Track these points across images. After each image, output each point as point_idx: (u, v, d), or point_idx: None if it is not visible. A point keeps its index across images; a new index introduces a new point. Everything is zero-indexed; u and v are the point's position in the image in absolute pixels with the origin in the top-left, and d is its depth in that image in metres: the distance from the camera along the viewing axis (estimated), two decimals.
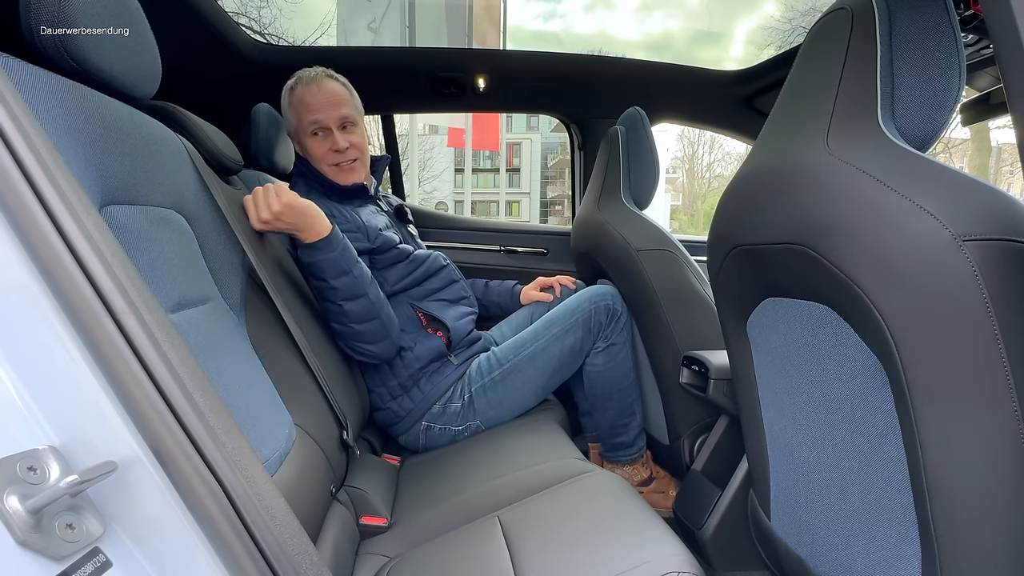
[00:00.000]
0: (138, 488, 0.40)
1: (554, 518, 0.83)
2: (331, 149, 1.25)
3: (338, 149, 1.25)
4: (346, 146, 1.25)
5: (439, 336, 1.29)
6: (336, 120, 1.25)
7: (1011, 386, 0.48)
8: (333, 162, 1.26)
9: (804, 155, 0.64)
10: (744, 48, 21.93)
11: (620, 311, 1.32)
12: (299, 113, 1.25)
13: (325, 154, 1.25)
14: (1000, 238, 0.47)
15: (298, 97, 1.25)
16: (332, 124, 1.25)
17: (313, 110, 1.23)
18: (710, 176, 19.33)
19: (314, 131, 1.25)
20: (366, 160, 1.33)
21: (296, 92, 1.25)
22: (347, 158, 1.27)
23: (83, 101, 0.61)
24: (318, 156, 1.26)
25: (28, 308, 0.39)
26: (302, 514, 0.75)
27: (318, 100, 1.23)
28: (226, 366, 0.72)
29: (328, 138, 1.25)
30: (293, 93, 1.26)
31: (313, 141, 1.25)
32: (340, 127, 1.26)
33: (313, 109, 1.23)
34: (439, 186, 17.29)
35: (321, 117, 1.24)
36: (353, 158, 1.28)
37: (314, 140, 1.25)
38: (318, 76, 1.25)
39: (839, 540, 0.69)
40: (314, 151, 1.26)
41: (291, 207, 1.01)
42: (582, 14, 35.79)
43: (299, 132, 1.27)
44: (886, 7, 0.59)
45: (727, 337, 0.87)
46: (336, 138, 1.25)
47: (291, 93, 1.26)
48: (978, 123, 1.01)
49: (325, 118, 1.24)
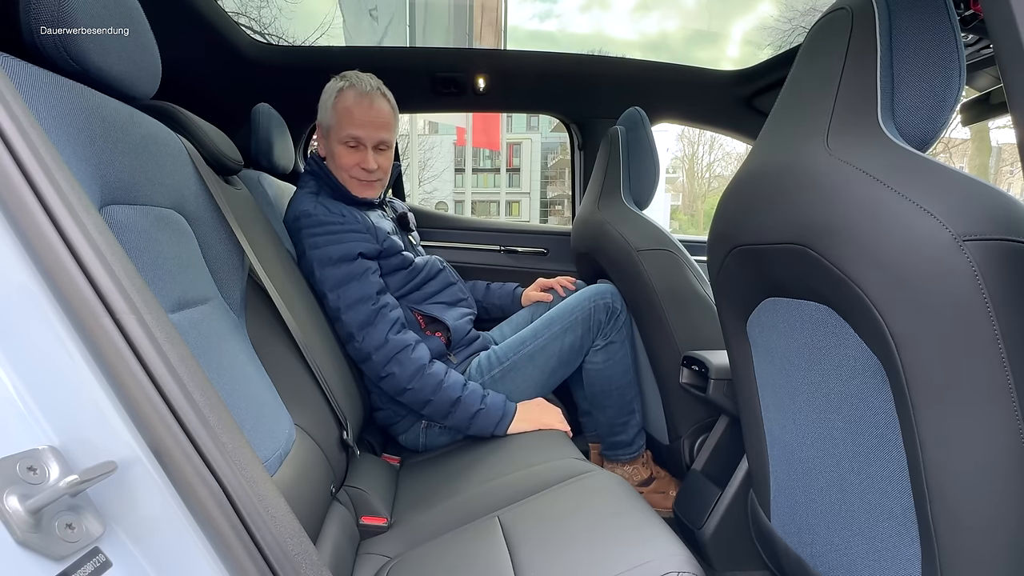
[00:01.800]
0: (138, 488, 0.40)
1: (554, 518, 0.83)
2: (359, 165, 1.26)
3: (367, 168, 1.26)
4: (375, 167, 1.26)
5: (438, 336, 1.29)
6: (375, 141, 1.25)
7: (1011, 386, 0.48)
8: (357, 176, 1.27)
9: (804, 155, 0.64)
10: (742, 48, 21.91)
11: (619, 310, 1.32)
12: (342, 118, 1.23)
13: (352, 166, 1.26)
14: (1000, 238, 0.47)
15: (347, 103, 1.23)
16: (369, 144, 1.25)
17: (358, 124, 1.23)
18: (710, 176, 19.34)
19: (350, 144, 1.25)
20: (386, 181, 1.35)
21: (346, 97, 1.23)
22: (372, 178, 1.28)
23: (83, 101, 0.61)
24: (344, 165, 1.26)
25: (28, 308, 0.39)
26: (302, 514, 0.75)
27: (367, 117, 1.23)
28: (226, 366, 0.72)
29: (360, 153, 1.25)
30: (343, 96, 1.23)
31: (344, 149, 1.25)
32: (376, 148, 1.26)
33: (358, 123, 1.23)
34: (439, 186, 17.29)
35: (363, 135, 1.24)
36: (377, 179, 1.29)
37: (345, 149, 1.25)
38: (371, 91, 1.24)
39: (839, 540, 0.69)
40: (342, 159, 1.25)
41: None
42: (578, 14, 35.76)
43: (332, 135, 1.26)
44: (886, 7, 0.59)
45: (727, 337, 0.87)
46: (368, 157, 1.25)
47: (340, 95, 1.23)
48: (978, 123, 1.01)
49: (366, 136, 1.24)
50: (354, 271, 1.17)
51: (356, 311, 1.15)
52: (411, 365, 1.15)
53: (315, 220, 1.19)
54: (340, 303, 1.16)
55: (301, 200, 1.24)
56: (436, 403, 1.15)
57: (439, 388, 1.15)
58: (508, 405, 1.19)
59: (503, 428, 1.17)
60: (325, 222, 1.19)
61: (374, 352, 1.15)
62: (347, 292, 1.16)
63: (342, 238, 1.19)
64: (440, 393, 1.15)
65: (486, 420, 1.16)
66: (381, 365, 1.15)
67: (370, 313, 1.16)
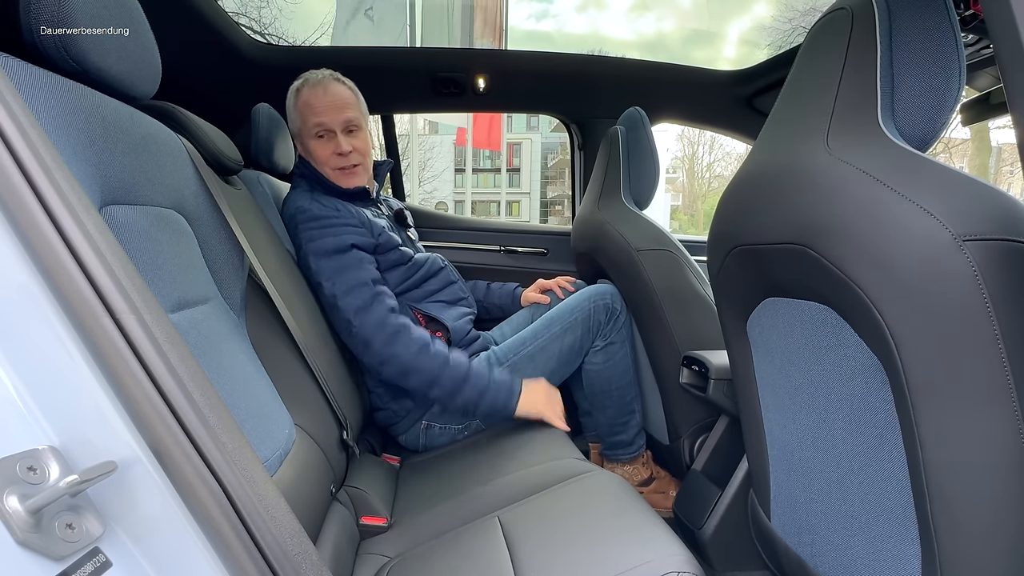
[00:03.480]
0: (138, 488, 0.40)
1: (554, 518, 0.83)
2: (334, 152, 1.25)
3: (341, 152, 1.25)
4: (349, 150, 1.25)
5: (438, 336, 1.29)
6: (340, 123, 1.25)
7: (1011, 386, 0.48)
8: (336, 165, 1.26)
9: (804, 155, 0.64)
10: (740, 48, 21.87)
11: (619, 310, 1.32)
12: (304, 115, 1.25)
13: (328, 157, 1.25)
14: (1000, 238, 0.47)
15: (304, 99, 1.24)
16: (336, 127, 1.24)
17: (318, 112, 1.23)
18: (710, 176, 19.34)
19: (318, 133, 1.25)
20: (369, 164, 1.33)
21: (302, 94, 1.25)
22: (350, 162, 1.27)
23: (83, 101, 0.61)
24: (321, 159, 1.26)
25: (28, 308, 0.39)
26: (302, 514, 0.75)
27: (323, 102, 1.23)
28: (226, 366, 0.72)
29: (332, 141, 1.25)
30: (299, 94, 1.25)
31: (317, 143, 1.25)
32: (345, 131, 1.26)
33: (318, 111, 1.23)
34: (439, 186, 17.29)
35: (325, 120, 1.23)
36: (355, 163, 1.27)
37: (318, 142, 1.25)
38: (324, 78, 1.25)
39: (839, 540, 0.69)
40: (317, 153, 1.26)
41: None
42: (575, 14, 35.71)
43: (303, 134, 1.27)
44: (886, 7, 0.59)
45: (727, 337, 0.87)
46: (340, 141, 1.24)
47: (297, 94, 1.26)
48: (978, 123, 1.01)
49: (329, 121, 1.24)
50: (350, 260, 1.17)
51: (352, 296, 1.14)
52: (414, 344, 1.12)
53: (310, 215, 1.20)
54: (336, 290, 1.15)
55: (295, 198, 1.24)
56: (444, 380, 1.11)
57: (446, 364, 1.12)
58: (515, 380, 1.17)
59: (513, 405, 1.15)
60: (320, 216, 1.19)
61: (373, 335, 1.12)
62: (343, 279, 1.15)
63: (337, 231, 1.19)
64: (447, 369, 1.12)
65: (496, 395, 1.14)
66: (382, 347, 1.12)
67: (367, 297, 1.14)
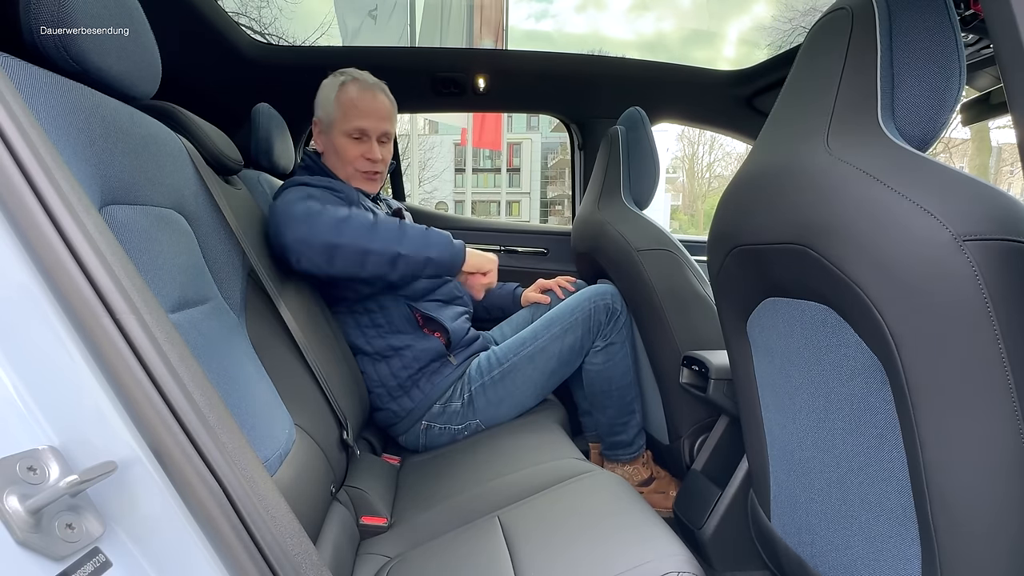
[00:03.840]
0: (138, 488, 0.40)
1: (554, 518, 0.83)
2: (363, 155, 1.28)
3: (372, 158, 1.28)
4: (380, 157, 1.29)
5: (437, 337, 1.29)
6: (379, 133, 1.29)
7: (1011, 386, 0.48)
8: (362, 168, 1.29)
9: (804, 155, 0.64)
10: (739, 48, 21.86)
11: (619, 310, 1.32)
12: (347, 112, 1.25)
13: (356, 158, 1.28)
14: (1000, 238, 0.47)
15: (350, 96, 1.25)
16: (374, 135, 1.28)
17: (363, 115, 1.26)
18: (710, 176, 19.35)
19: (354, 135, 1.27)
20: (385, 175, 1.37)
21: (349, 90, 1.25)
22: (375, 169, 1.30)
23: (83, 101, 0.61)
24: (349, 157, 1.27)
25: (28, 308, 0.39)
26: (302, 514, 0.75)
27: (371, 108, 1.26)
28: (226, 366, 0.72)
29: (366, 144, 1.28)
30: (345, 89, 1.26)
31: (349, 142, 1.27)
32: (379, 140, 1.29)
33: (363, 114, 1.26)
34: (439, 186, 17.30)
35: (367, 125, 1.26)
36: (379, 171, 1.32)
37: (350, 141, 1.27)
38: (375, 86, 1.28)
39: (839, 540, 0.69)
40: (346, 151, 1.27)
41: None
42: (574, 14, 35.70)
43: (336, 127, 1.27)
44: (886, 7, 0.59)
45: (727, 337, 0.87)
46: (374, 147, 1.28)
47: (343, 88, 1.26)
48: (978, 123, 1.01)
49: (371, 127, 1.27)
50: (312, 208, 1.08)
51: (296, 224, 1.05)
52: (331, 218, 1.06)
53: (299, 181, 1.20)
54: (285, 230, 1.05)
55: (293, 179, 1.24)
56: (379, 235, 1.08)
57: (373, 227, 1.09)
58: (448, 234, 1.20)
59: (460, 249, 1.19)
60: (309, 183, 1.19)
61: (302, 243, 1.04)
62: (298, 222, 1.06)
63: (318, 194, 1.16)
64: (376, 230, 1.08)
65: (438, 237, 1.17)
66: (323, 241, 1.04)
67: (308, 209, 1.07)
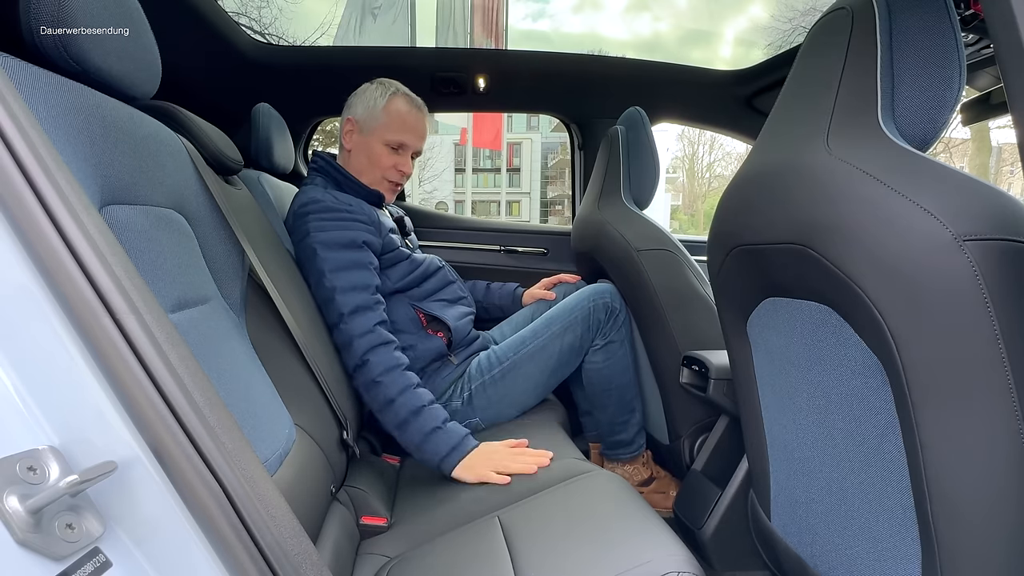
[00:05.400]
0: (138, 488, 0.40)
1: (554, 518, 0.83)
2: (396, 167, 1.33)
3: (405, 171, 1.35)
4: (409, 173, 1.37)
5: (440, 336, 1.29)
6: (415, 150, 1.36)
7: (1011, 386, 0.48)
8: (391, 178, 1.34)
9: (804, 155, 0.64)
10: (736, 48, 21.86)
11: (619, 309, 1.32)
12: (393, 122, 1.29)
13: (389, 168, 1.32)
14: (1000, 238, 0.47)
15: (401, 110, 1.30)
16: (410, 151, 1.35)
17: (410, 130, 1.31)
18: (710, 176, 19.35)
19: (395, 147, 1.31)
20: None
21: (399, 103, 1.30)
22: (401, 181, 1.38)
23: (83, 101, 0.61)
24: (383, 165, 1.31)
25: (28, 308, 0.39)
26: (302, 514, 0.75)
27: (418, 127, 1.33)
28: (226, 366, 0.72)
29: (401, 157, 1.33)
30: (395, 101, 1.30)
31: (386, 151, 1.31)
32: (413, 156, 1.37)
33: (410, 129, 1.31)
34: (439, 186, 17.30)
35: (411, 141, 1.33)
36: (403, 183, 1.40)
37: (388, 151, 1.31)
38: (422, 107, 1.35)
39: (839, 540, 0.69)
40: (383, 159, 1.31)
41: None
42: (571, 14, 35.74)
43: (376, 134, 1.30)
44: (886, 7, 0.59)
45: (727, 337, 0.87)
46: (408, 162, 1.36)
47: (393, 99, 1.30)
48: (978, 123, 1.01)
49: (412, 144, 1.33)
50: (358, 259, 1.18)
51: (351, 296, 1.13)
52: (389, 360, 1.10)
53: (324, 206, 1.20)
54: (337, 283, 1.14)
55: (309, 191, 1.24)
56: (398, 405, 1.06)
57: (407, 391, 1.08)
58: (468, 440, 1.06)
59: (453, 461, 1.03)
60: (334, 208, 1.20)
61: (358, 336, 1.10)
62: (347, 276, 1.15)
63: (349, 225, 1.19)
64: (406, 396, 1.07)
65: (440, 442, 1.04)
66: (361, 351, 1.10)
67: (365, 300, 1.14)
